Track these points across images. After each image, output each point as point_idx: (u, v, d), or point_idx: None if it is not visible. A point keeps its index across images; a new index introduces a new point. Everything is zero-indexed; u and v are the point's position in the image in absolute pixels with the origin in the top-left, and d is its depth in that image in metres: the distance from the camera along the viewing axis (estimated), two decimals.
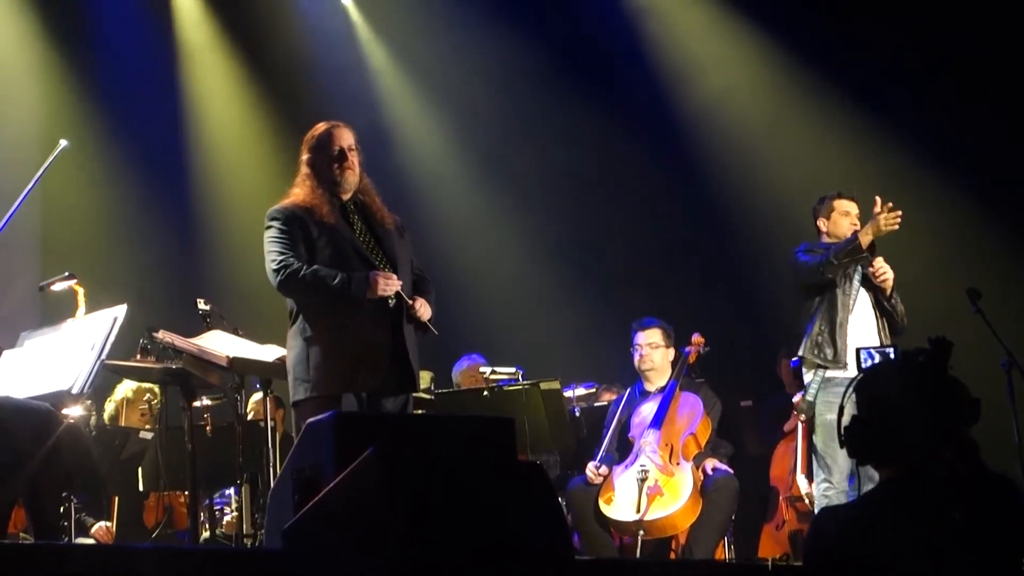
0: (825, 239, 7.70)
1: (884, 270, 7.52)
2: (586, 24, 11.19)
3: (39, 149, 10.39)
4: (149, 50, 11.45)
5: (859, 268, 7.52)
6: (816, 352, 7.41)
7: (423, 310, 6.18)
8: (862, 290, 7.56)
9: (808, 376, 7.46)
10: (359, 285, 6.01)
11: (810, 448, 8.77)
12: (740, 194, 7.64)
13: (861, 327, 7.48)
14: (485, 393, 8.28)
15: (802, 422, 8.02)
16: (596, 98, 11.00)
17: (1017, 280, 9.26)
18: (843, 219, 7.68)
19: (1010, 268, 9.35)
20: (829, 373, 7.38)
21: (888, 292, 7.55)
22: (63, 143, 6.91)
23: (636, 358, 8.76)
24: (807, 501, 8.52)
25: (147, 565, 4.61)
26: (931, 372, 3.61)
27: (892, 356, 4.50)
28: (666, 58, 10.91)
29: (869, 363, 4.63)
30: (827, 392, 7.37)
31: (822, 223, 7.77)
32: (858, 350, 4.97)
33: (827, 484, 7.30)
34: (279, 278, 6.03)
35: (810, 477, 8.70)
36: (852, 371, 7.11)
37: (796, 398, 7.74)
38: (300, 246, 6.05)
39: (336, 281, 5.99)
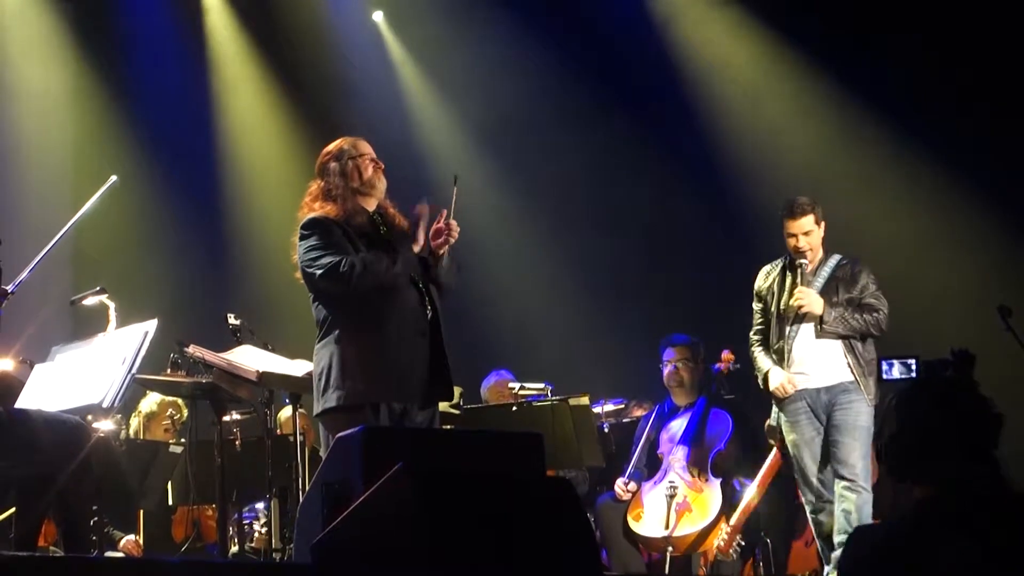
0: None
1: (800, 301, 7.30)
2: (614, 39, 11.17)
3: (74, 170, 10.51)
4: (181, 67, 11.54)
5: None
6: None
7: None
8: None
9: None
10: (406, 260, 6.01)
11: None
12: (773, 215, 7.62)
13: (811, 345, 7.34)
14: (514, 408, 8.26)
15: (774, 444, 7.90)
16: (630, 112, 10.98)
17: None
18: (789, 240, 7.46)
19: None
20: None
21: (819, 319, 7.30)
22: (113, 178, 6.95)
23: (665, 374, 8.76)
24: None
25: None
26: (966, 390, 3.60)
27: (915, 368, 4.46)
28: (697, 71, 10.90)
29: (890, 374, 4.58)
30: (786, 412, 7.37)
31: (783, 226, 7.54)
32: (880, 360, 4.91)
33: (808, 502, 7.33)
34: (337, 272, 5.90)
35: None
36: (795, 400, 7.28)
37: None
38: (346, 247, 6.01)
39: (386, 262, 5.95)
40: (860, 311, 7.31)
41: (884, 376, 4.56)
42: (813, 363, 7.29)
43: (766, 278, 7.56)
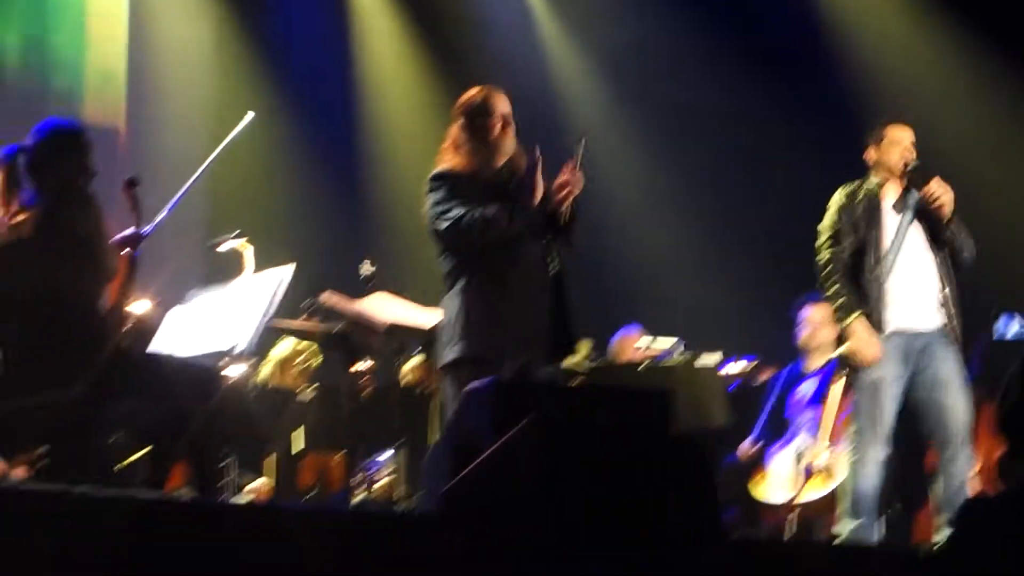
0: (875, 170, 7.07)
1: (938, 194, 6.83)
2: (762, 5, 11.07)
3: (215, 117, 10.63)
4: (321, 15, 11.62)
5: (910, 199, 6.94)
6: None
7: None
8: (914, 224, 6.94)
9: None
10: (528, 214, 5.98)
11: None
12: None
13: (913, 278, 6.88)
14: (639, 368, 8.23)
15: (846, 373, 7.34)
16: (768, 65, 10.86)
17: None
18: (893, 148, 6.98)
19: None
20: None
21: (945, 220, 6.84)
22: (250, 115, 6.98)
23: (800, 335, 8.63)
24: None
25: (302, 525, 4.66)
26: None
27: None
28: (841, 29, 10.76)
29: (1006, 332, 4.45)
30: None
31: (872, 152, 7.07)
32: (997, 315, 4.67)
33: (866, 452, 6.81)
34: (460, 225, 5.91)
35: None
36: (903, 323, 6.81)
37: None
38: (470, 201, 6.02)
39: (508, 215, 5.93)
40: None
41: (999, 334, 4.39)
42: (913, 296, 6.84)
43: (855, 199, 7.01)
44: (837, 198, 7.05)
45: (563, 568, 4.00)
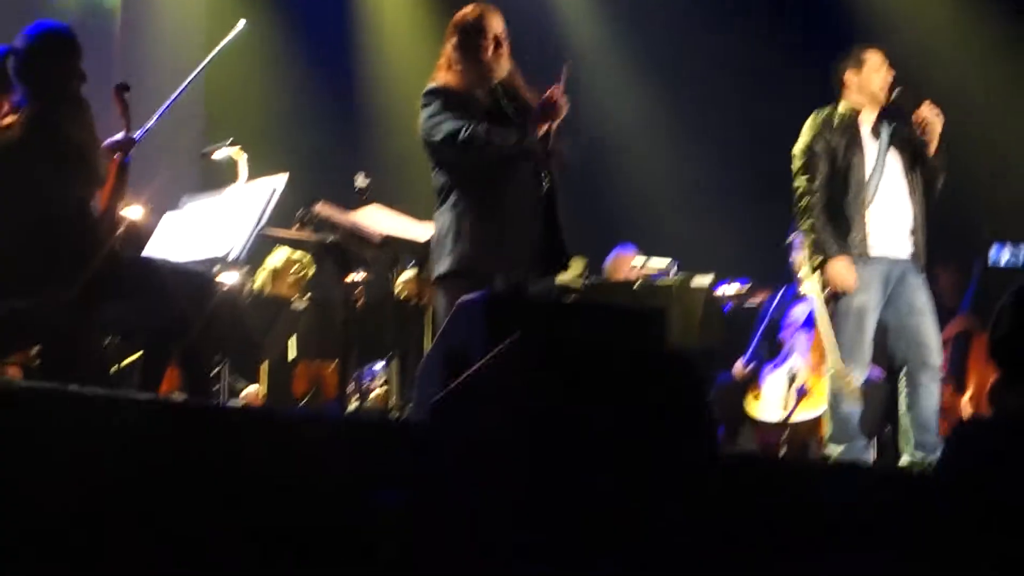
0: (849, 95, 6.98)
1: (930, 118, 6.79)
2: None
3: (209, 24, 10.55)
4: None
5: (885, 125, 6.91)
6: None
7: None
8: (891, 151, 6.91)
9: None
10: (526, 136, 5.95)
11: (958, 357, 8.62)
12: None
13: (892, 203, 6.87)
14: (634, 287, 8.24)
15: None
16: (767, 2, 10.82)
17: None
18: (875, 72, 6.91)
19: None
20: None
21: (931, 146, 6.81)
22: (242, 22, 6.93)
23: (796, 259, 8.61)
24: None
25: (295, 429, 4.67)
26: None
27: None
28: None
29: (998, 259, 4.41)
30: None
31: (851, 76, 6.98)
32: (991, 244, 4.62)
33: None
34: (462, 137, 5.88)
35: (959, 388, 8.58)
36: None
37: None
38: (465, 116, 5.98)
39: (506, 135, 5.91)
40: None
41: (992, 261, 4.35)
42: (891, 222, 6.84)
43: (831, 124, 6.92)
44: (811, 123, 6.98)
45: (551, 483, 4.01)
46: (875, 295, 6.78)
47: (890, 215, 6.86)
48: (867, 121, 6.94)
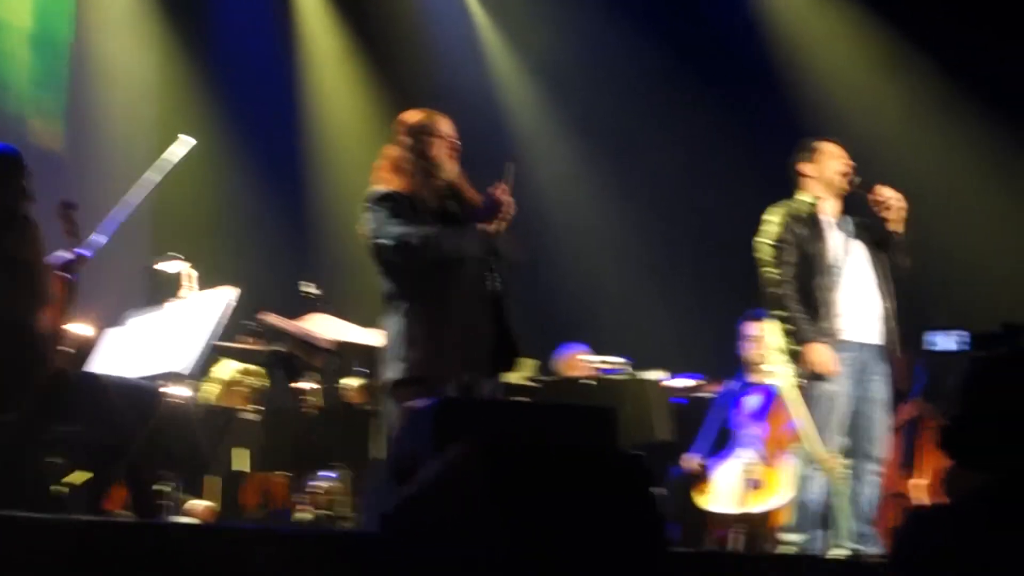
0: (807, 186, 7.00)
1: (888, 197, 6.82)
2: (706, 22, 11.10)
3: (158, 141, 10.57)
4: (266, 38, 11.61)
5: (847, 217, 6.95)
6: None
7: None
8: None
9: None
10: (471, 234, 5.96)
11: (910, 442, 8.65)
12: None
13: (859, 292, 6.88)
14: (589, 382, 8.23)
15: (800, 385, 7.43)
16: (710, 86, 10.90)
17: None
18: (832, 162, 6.96)
19: None
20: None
21: (891, 227, 6.82)
22: (192, 140, 6.95)
23: (748, 350, 8.62)
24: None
25: (246, 544, 4.63)
26: None
27: (967, 339, 4.31)
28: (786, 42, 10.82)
29: (935, 345, 4.44)
30: None
31: (806, 168, 6.99)
32: (926, 332, 4.66)
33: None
34: (412, 243, 5.87)
35: (910, 472, 8.60)
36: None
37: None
38: (414, 221, 5.99)
39: (457, 238, 5.92)
40: None
41: (929, 347, 4.38)
42: (858, 309, 6.84)
43: (797, 215, 6.95)
44: (777, 215, 7.02)
45: None
46: (847, 384, 6.81)
47: (858, 301, 6.88)
48: (828, 211, 7.00)
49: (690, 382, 9.33)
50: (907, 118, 10.22)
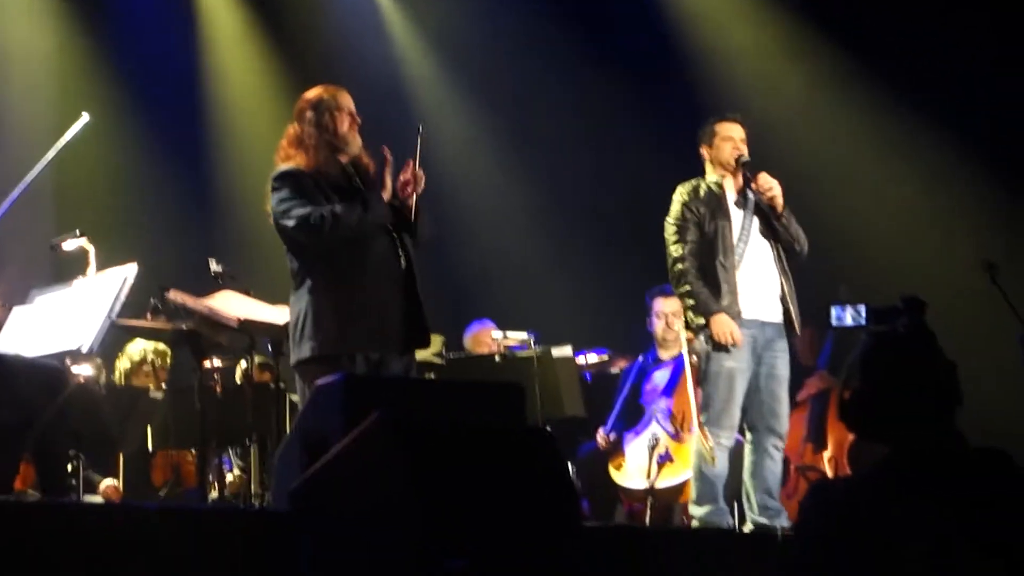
0: (709, 170, 7.13)
1: (770, 185, 6.97)
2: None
3: (57, 113, 10.44)
4: (167, 12, 11.45)
5: (749, 194, 7.05)
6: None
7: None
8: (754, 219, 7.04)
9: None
10: (377, 210, 5.97)
11: (817, 415, 8.75)
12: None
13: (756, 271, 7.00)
14: (497, 359, 8.25)
15: (692, 364, 7.45)
16: (615, 63, 10.90)
17: None
18: (725, 144, 7.05)
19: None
20: None
21: (779, 212, 6.97)
22: (85, 116, 6.87)
23: (658, 326, 8.66)
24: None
25: (154, 523, 4.61)
26: (929, 343, 3.55)
27: (864, 315, 4.35)
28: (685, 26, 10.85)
29: (842, 320, 4.47)
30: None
31: (705, 151, 7.15)
32: (828, 307, 4.69)
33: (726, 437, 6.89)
34: (310, 222, 5.87)
35: (819, 446, 8.70)
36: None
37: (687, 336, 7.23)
38: (317, 199, 5.97)
39: (358, 212, 5.92)
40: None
41: (834, 323, 4.41)
42: (759, 286, 6.97)
43: (698, 194, 7.06)
44: (680, 194, 7.13)
45: (415, 566, 3.99)
46: (745, 358, 6.88)
47: (758, 280, 6.99)
48: (731, 189, 7.08)
49: (596, 357, 9.38)
50: (808, 97, 10.29)
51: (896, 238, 9.64)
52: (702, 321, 6.90)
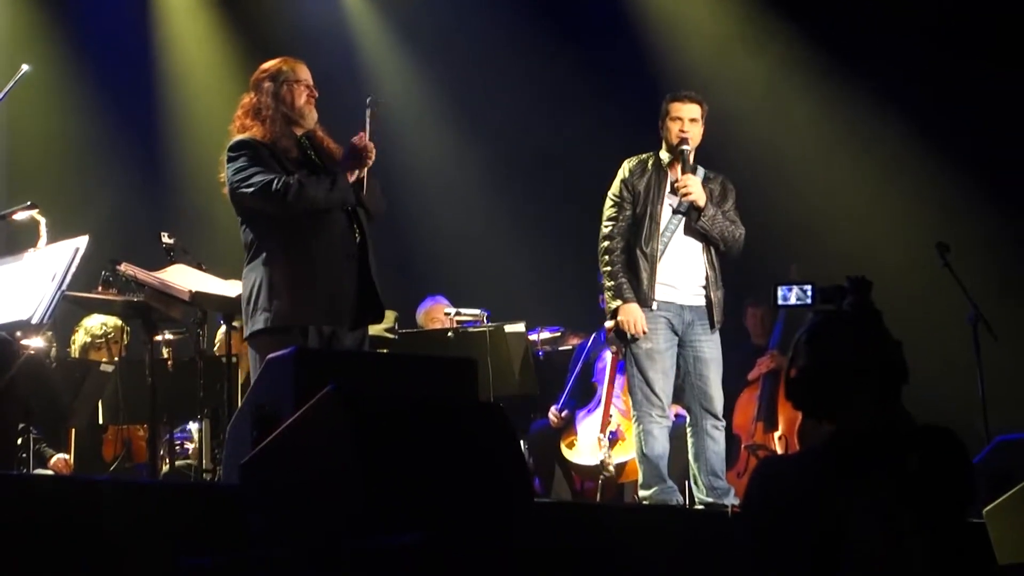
0: (663, 148, 7.11)
1: (685, 184, 6.94)
2: None
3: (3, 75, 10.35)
4: None
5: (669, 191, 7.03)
6: None
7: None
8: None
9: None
10: (345, 188, 5.95)
11: (768, 395, 8.79)
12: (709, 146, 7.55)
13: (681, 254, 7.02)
14: (449, 334, 8.25)
15: (613, 353, 7.70)
16: (572, 42, 10.90)
17: (979, 235, 9.22)
18: (674, 125, 7.03)
19: (973, 222, 9.31)
20: None
21: (699, 212, 6.93)
22: (24, 67, 6.83)
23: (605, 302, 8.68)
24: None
25: (105, 497, 4.59)
26: (876, 323, 3.58)
27: (810, 294, 4.38)
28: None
29: (787, 299, 4.49)
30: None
31: (661, 129, 7.14)
32: (775, 287, 4.71)
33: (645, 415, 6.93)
34: (275, 188, 5.82)
35: (770, 425, 8.74)
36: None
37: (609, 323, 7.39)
38: (274, 168, 5.94)
39: (325, 184, 5.89)
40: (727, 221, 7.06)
41: (780, 302, 4.42)
42: (681, 274, 6.98)
43: (638, 172, 7.08)
44: (624, 168, 7.15)
45: (364, 541, 3.98)
46: (663, 338, 6.93)
47: (679, 271, 7.00)
48: (674, 172, 7.07)
49: (549, 334, 9.40)
50: (767, 84, 10.31)
51: (850, 222, 9.69)
52: (615, 305, 6.95)
